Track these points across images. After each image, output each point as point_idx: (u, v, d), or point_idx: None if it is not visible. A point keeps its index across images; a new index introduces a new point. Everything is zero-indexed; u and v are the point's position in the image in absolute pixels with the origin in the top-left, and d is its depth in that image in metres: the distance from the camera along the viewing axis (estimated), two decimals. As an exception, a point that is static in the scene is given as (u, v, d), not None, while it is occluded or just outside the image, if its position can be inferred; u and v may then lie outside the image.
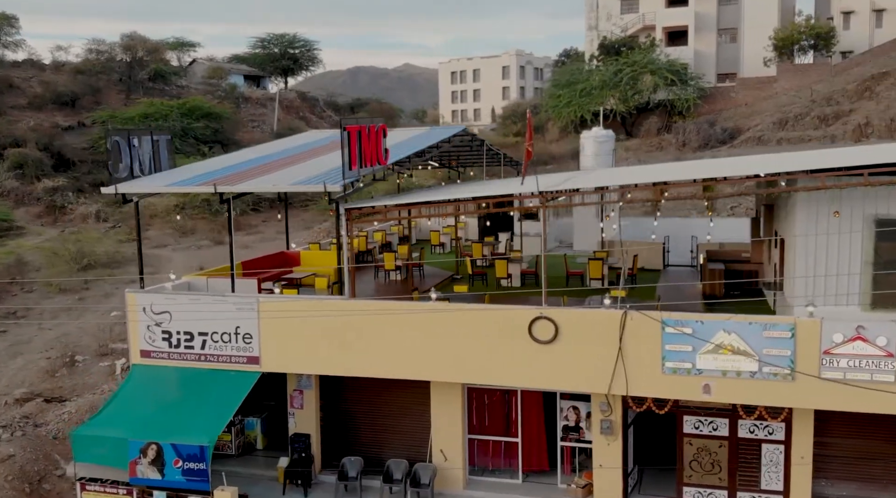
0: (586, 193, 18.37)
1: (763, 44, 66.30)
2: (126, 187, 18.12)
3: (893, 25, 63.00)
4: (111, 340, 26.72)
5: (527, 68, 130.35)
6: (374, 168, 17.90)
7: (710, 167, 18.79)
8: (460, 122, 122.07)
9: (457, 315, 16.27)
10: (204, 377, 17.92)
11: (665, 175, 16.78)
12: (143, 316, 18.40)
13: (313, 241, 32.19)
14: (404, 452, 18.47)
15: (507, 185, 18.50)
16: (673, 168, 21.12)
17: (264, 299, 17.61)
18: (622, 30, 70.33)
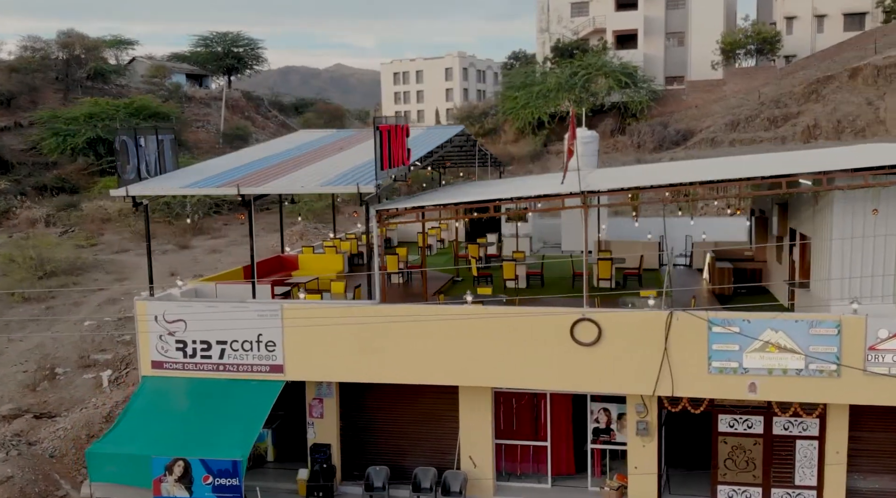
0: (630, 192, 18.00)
1: (709, 48, 68.02)
2: (139, 189, 17.16)
3: (834, 31, 65.48)
4: (92, 350, 25.40)
5: (470, 70, 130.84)
6: (399, 169, 17.44)
7: (738, 166, 18.84)
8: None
9: (494, 318, 15.93)
10: (223, 388, 17.12)
11: (696, 174, 16.79)
12: (154, 325, 17.45)
13: (306, 244, 31.28)
14: (429, 460, 18.04)
15: (545, 184, 18.05)
16: (698, 167, 21.06)
17: (289, 305, 16.92)
18: (573, 33, 71.16)
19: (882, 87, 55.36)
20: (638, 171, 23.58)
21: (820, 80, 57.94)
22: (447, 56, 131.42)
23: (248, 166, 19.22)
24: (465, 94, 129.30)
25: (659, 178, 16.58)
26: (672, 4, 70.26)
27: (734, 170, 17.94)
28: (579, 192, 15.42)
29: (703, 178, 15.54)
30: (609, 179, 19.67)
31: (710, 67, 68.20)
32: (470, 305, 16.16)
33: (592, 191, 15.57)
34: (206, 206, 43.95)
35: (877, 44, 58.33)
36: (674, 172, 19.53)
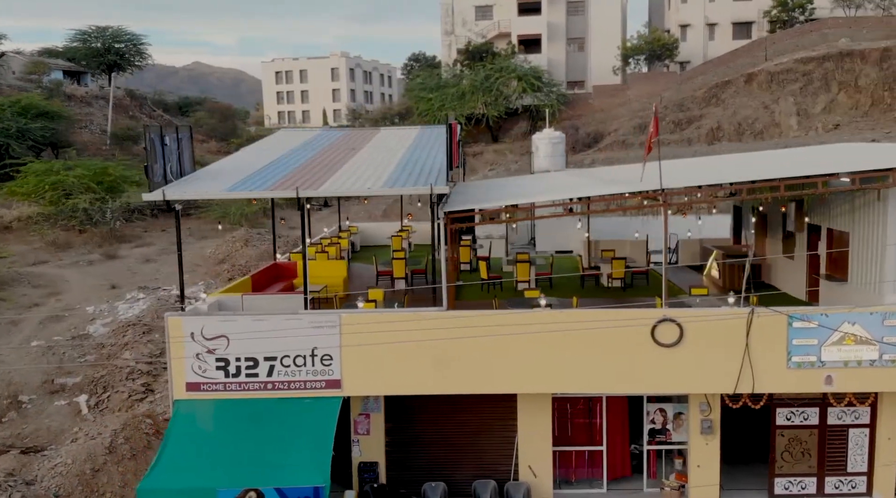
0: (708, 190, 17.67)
1: (608, 53, 70.50)
2: (177, 193, 15.42)
3: (724, 39, 69.49)
4: (55, 374, 22.80)
5: (357, 71, 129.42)
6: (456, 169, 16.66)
7: (771, 162, 19.11)
8: (287, 124, 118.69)
9: (566, 321, 15.48)
10: (274, 408, 15.70)
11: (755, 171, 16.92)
12: (190, 343, 15.77)
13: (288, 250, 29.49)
14: (484, 472, 17.32)
15: (620, 181, 17.50)
16: (731, 162, 21.14)
17: (347, 315, 15.74)
18: (478, 36, 71.68)
19: (776, 92, 59.28)
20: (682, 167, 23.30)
21: (719, 85, 61.28)
22: (332, 56, 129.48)
23: (276, 167, 17.76)
24: (353, 94, 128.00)
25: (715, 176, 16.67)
26: (572, 10, 72.23)
27: (778, 166, 18.27)
28: (659, 190, 15.26)
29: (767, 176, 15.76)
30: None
31: (607, 72, 70.68)
32: (545, 309, 15.66)
33: (671, 189, 15.44)
34: (127, 212, 40.71)
35: (767, 51, 62.38)
36: (721, 170, 19.43)
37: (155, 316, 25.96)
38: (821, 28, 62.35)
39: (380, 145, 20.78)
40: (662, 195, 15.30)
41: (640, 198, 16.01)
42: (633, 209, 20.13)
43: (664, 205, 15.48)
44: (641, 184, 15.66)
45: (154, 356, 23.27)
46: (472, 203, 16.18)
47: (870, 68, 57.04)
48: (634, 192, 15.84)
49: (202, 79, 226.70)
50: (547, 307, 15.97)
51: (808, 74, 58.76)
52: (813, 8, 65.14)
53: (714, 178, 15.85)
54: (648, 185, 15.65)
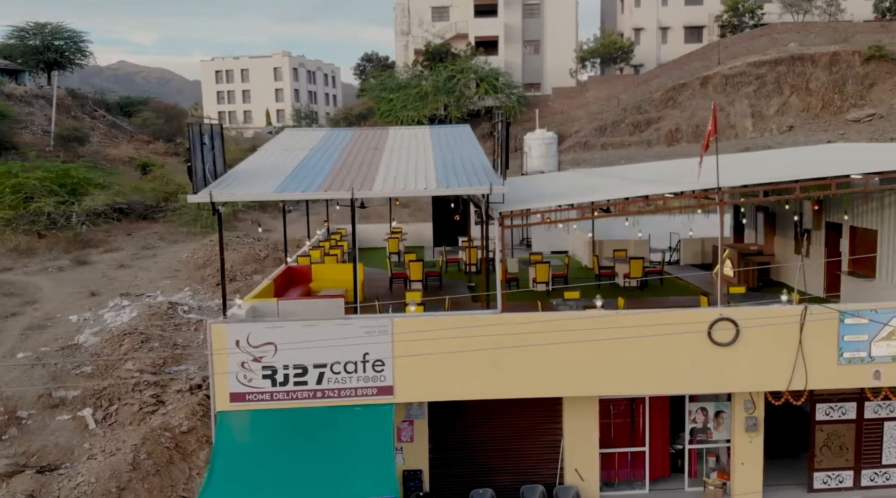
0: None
1: (563, 56, 71.23)
2: (227, 194, 14.64)
3: (676, 43, 70.99)
4: (51, 387, 21.51)
5: (300, 71, 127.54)
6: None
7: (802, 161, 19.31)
8: (228, 124, 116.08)
9: (623, 322, 15.35)
10: (325, 418, 15.08)
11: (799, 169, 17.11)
12: (235, 352, 15.03)
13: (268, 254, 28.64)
14: (530, 477, 17.08)
15: (677, 178, 17.33)
16: (760, 160, 21.18)
17: (399, 319, 15.24)
18: (435, 37, 71.43)
19: (730, 95, 60.83)
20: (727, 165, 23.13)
21: (675, 88, 62.55)
22: (274, 55, 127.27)
23: (309, 168, 17.09)
24: (297, 95, 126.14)
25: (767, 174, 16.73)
26: (528, 13, 72.69)
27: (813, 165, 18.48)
28: (716, 189, 15.27)
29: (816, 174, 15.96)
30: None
31: (562, 75, 71.40)
32: (601, 310, 15.49)
33: (731, 187, 15.46)
34: (92, 215, 38.89)
35: (720, 55, 63.98)
36: (763, 167, 19.45)
37: (148, 324, 24.80)
38: (771, 33, 64.30)
39: (400, 145, 20.30)
40: (718, 193, 15.31)
41: (698, 196, 15.98)
42: (687, 208, 19.96)
43: (720, 203, 15.49)
44: (686, 183, 15.63)
45: (157, 366, 22.21)
46: (516, 203, 15.84)
47: (820, 72, 59.10)
48: (690, 190, 15.80)
49: (127, 78, 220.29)
50: (601, 308, 15.81)
51: (761, 78, 60.51)
52: (762, 13, 67.12)
53: (769, 176, 15.92)
54: (695, 183, 15.63)
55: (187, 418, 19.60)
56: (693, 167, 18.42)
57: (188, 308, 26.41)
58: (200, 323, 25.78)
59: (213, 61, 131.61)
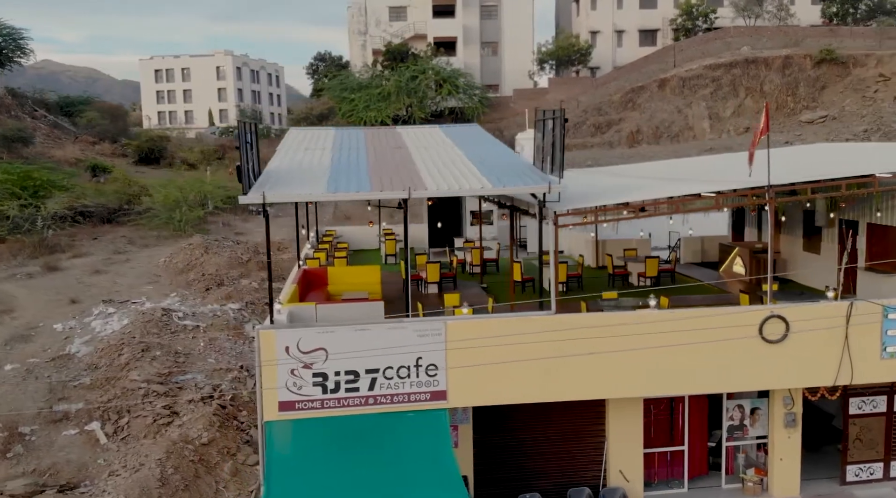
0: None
1: (520, 57, 71.60)
2: (278, 195, 13.95)
3: (632, 46, 72.12)
4: (50, 400, 20.33)
5: (244, 70, 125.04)
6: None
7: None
8: (169, 124, 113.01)
9: (678, 321, 15.29)
10: (377, 425, 14.55)
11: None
12: (284, 358, 14.38)
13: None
14: (574, 479, 16.88)
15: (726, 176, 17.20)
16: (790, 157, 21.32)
17: (453, 322, 14.82)
18: (393, 36, 70.87)
19: (688, 97, 62.10)
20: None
21: (634, 90, 63.51)
22: (216, 54, 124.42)
23: (345, 168, 16.53)
24: (240, 94, 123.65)
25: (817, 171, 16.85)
26: (486, 14, 72.79)
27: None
28: (766, 186, 15.33)
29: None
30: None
31: (520, 76, 71.76)
32: (655, 309, 15.39)
33: (782, 184, 15.53)
34: (57, 219, 37.09)
35: (676, 58, 65.26)
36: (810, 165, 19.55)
37: (144, 332, 23.70)
38: (724, 37, 65.88)
39: (423, 145, 19.88)
40: (769, 191, 15.38)
41: (750, 194, 16.02)
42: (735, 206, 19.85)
43: (771, 201, 15.56)
44: (734, 181, 15.68)
45: (162, 375, 21.21)
46: (568, 203, 15.56)
47: (773, 75, 60.84)
48: (740, 188, 15.83)
49: (52, 77, 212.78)
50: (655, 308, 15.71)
51: (717, 80, 61.94)
52: (716, 17, 68.74)
53: (817, 173, 16.06)
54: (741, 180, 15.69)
55: (205, 429, 18.77)
56: (710, 165, 18.62)
57: (182, 315, 25.36)
58: (198, 329, 24.80)
59: (153, 60, 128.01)
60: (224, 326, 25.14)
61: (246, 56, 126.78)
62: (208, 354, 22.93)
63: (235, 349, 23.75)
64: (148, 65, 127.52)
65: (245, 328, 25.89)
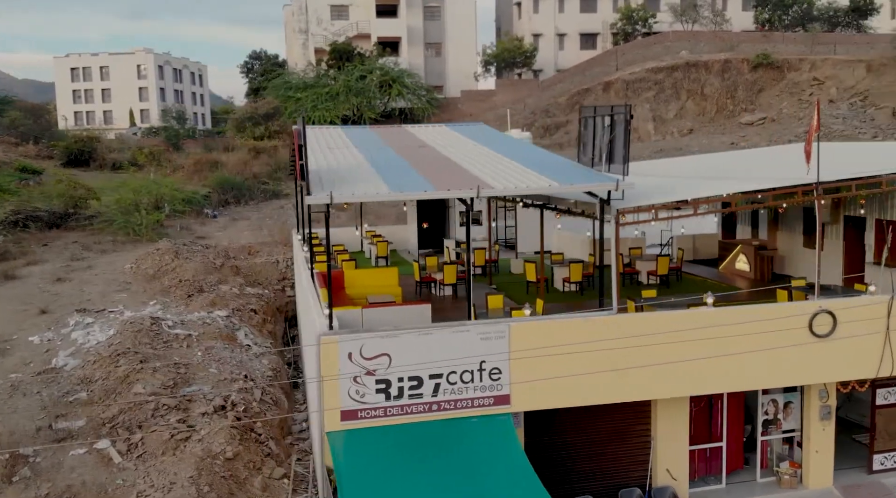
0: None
1: (464, 58, 71.70)
2: (345, 195, 13.23)
3: (573, 49, 73.18)
4: (47, 417, 18.85)
5: (166, 68, 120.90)
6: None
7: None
8: (86, 124, 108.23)
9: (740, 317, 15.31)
10: (442, 432, 14.04)
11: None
12: (347, 366, 13.69)
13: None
14: (621, 479, 16.75)
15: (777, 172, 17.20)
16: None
17: (516, 324, 14.44)
18: (335, 35, 69.80)
19: (632, 99, 63.35)
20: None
21: (580, 92, 64.46)
22: (137, 52, 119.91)
23: (385, 167, 15.91)
24: (162, 93, 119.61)
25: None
26: (429, 15, 72.52)
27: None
28: (814, 183, 15.54)
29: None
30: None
31: (464, 78, 71.84)
32: (712, 307, 15.41)
33: (828, 182, 15.77)
34: (11, 225, 34.68)
35: (618, 61, 66.60)
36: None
37: (135, 342, 22.29)
38: (663, 41, 67.63)
39: (446, 143, 19.42)
40: (817, 188, 15.61)
41: (800, 191, 16.19)
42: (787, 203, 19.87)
43: (818, 198, 15.79)
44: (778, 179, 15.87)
45: (168, 387, 19.97)
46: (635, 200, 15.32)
47: (713, 78, 62.81)
48: (789, 186, 16.01)
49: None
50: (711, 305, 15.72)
51: (659, 83, 63.52)
52: (655, 22, 70.45)
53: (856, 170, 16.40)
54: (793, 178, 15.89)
55: (228, 443, 17.71)
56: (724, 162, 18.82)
57: (172, 323, 24.02)
58: (190, 338, 23.53)
59: (69, 58, 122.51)
60: (217, 335, 23.92)
61: (168, 54, 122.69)
62: (209, 364, 21.74)
63: (235, 358, 22.62)
64: (63, 63, 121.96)
65: (238, 336, 24.76)
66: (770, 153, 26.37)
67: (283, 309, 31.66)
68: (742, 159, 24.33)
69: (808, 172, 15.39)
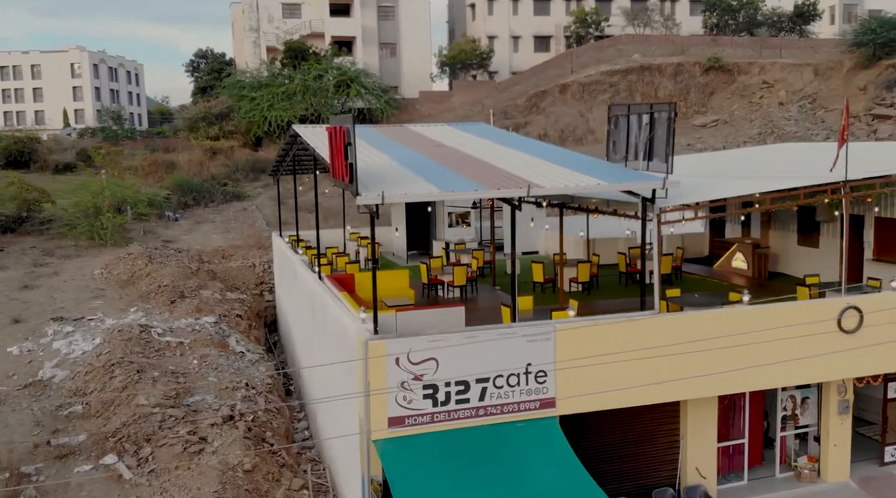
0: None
1: (419, 59, 71.39)
2: (397, 195, 12.73)
3: (527, 52, 73.61)
4: (44, 433, 17.76)
5: (101, 67, 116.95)
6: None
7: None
8: (17, 125, 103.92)
9: (775, 315, 15.40)
10: (489, 437, 13.69)
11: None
12: (394, 371, 13.21)
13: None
14: (652, 479, 16.69)
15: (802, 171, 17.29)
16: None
17: (562, 325, 14.18)
18: (287, 34, 68.55)
19: (588, 102, 64.11)
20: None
21: (537, 94, 64.80)
22: (71, 50, 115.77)
23: (423, 167, 15.46)
24: (98, 93, 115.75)
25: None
26: (383, 15, 71.93)
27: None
28: (842, 182, 15.75)
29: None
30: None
31: (419, 78, 71.50)
32: (747, 305, 15.46)
33: (855, 180, 15.99)
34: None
35: (573, 64, 67.23)
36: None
37: (126, 351, 21.23)
38: (616, 44, 68.58)
39: (459, 142, 19.08)
40: (844, 186, 15.83)
41: (827, 190, 16.37)
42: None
43: (846, 196, 16.02)
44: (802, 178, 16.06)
45: (170, 398, 19.05)
46: (680, 198, 15.18)
47: (667, 81, 63.99)
48: (817, 184, 16.18)
49: None
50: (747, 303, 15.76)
51: (614, 86, 64.36)
52: (608, 25, 71.41)
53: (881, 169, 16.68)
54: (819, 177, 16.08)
55: (244, 455, 16.99)
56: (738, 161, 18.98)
57: (162, 331, 22.98)
58: (182, 346, 22.56)
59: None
60: (208, 342, 23.00)
61: (103, 52, 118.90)
62: (207, 373, 20.87)
63: (232, 366, 21.77)
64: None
65: (229, 343, 23.86)
66: (770, 153, 26.84)
67: (263, 314, 30.76)
68: (741, 159, 24.62)
69: (832, 170, 15.60)
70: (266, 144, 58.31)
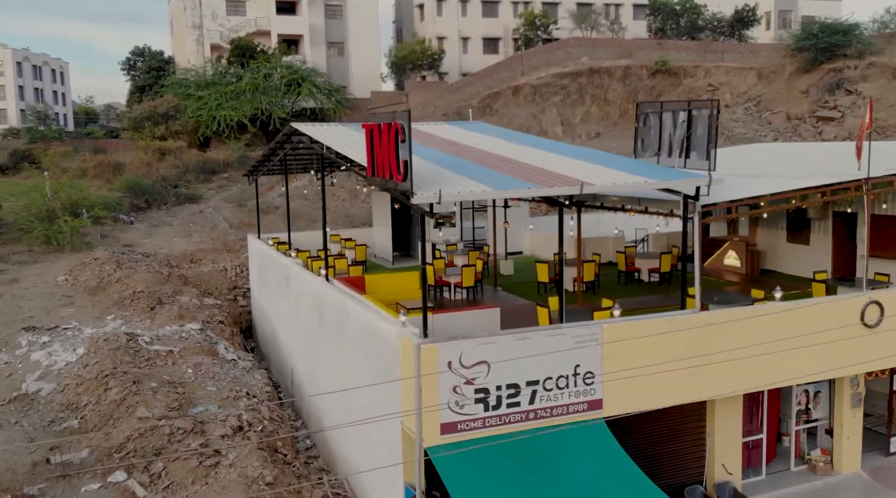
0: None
1: (368, 59, 70.60)
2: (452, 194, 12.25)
3: (476, 53, 73.66)
4: (42, 450, 16.59)
5: (24, 65, 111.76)
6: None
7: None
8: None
9: (805, 312, 15.55)
10: (541, 440, 13.35)
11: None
12: (446, 375, 12.76)
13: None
14: (680, 477, 16.65)
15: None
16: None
17: (609, 326, 13.97)
18: (231, 31, 66.80)
19: (540, 104, 64.48)
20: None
21: (490, 96, 64.82)
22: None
23: (460, 166, 15.04)
24: (21, 92, 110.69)
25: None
26: (330, 14, 70.87)
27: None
28: (864, 179, 16.02)
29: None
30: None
31: (367, 79, 70.70)
32: (780, 301, 15.58)
33: (878, 177, 16.26)
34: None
35: (523, 66, 67.56)
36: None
37: (116, 360, 20.07)
38: (564, 47, 69.25)
39: (471, 141, 18.72)
40: (866, 183, 16.11)
41: (851, 187, 16.60)
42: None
43: (868, 193, 16.30)
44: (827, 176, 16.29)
45: (173, 409, 18.06)
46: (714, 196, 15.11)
47: (616, 84, 64.94)
48: (841, 182, 16.40)
49: None
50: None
51: (565, 88, 64.94)
52: (556, 28, 72.05)
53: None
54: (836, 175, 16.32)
55: (263, 467, 16.23)
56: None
57: (149, 339, 21.83)
58: (171, 355, 21.49)
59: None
60: (198, 350, 21.98)
61: (27, 50, 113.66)
62: (204, 382, 19.90)
63: (228, 374, 20.84)
64: None
65: (218, 350, 22.86)
66: (764, 152, 27.34)
67: (239, 320, 29.69)
68: (741, 158, 24.93)
69: (859, 168, 15.88)
70: (215, 145, 56.58)
